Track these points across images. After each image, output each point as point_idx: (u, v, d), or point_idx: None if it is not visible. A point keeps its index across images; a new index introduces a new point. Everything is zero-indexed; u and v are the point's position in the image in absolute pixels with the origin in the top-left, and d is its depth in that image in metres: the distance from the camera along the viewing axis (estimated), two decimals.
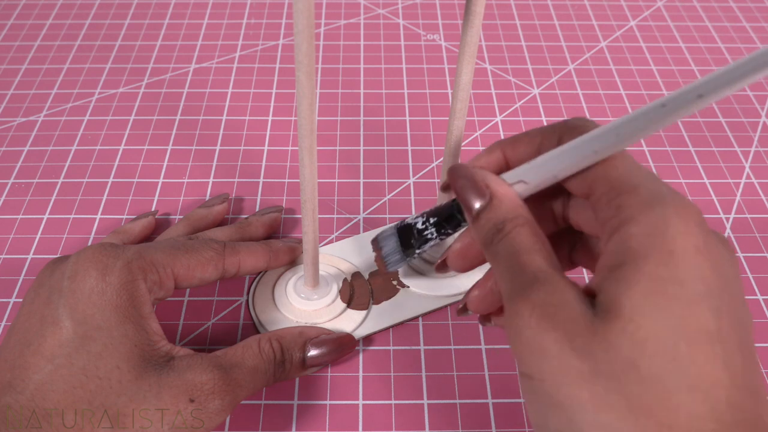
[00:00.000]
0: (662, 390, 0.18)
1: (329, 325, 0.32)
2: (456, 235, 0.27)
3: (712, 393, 0.18)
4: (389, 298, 0.34)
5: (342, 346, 0.31)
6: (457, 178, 0.24)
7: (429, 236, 0.27)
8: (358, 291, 0.34)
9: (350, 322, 0.33)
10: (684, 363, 0.18)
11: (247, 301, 0.34)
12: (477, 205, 0.23)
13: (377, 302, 0.34)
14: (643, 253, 0.19)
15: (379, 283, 0.34)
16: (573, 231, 0.25)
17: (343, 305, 0.33)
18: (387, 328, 0.33)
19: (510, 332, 0.21)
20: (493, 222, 0.22)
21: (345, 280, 0.34)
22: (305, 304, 0.33)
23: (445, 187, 0.27)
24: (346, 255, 0.36)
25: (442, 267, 0.27)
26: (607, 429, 0.18)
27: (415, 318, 0.34)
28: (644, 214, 0.19)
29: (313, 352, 0.30)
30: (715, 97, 0.19)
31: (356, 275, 0.35)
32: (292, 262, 0.35)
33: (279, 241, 0.35)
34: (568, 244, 0.26)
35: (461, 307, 0.26)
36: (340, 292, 0.34)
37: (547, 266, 0.21)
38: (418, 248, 0.28)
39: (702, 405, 0.17)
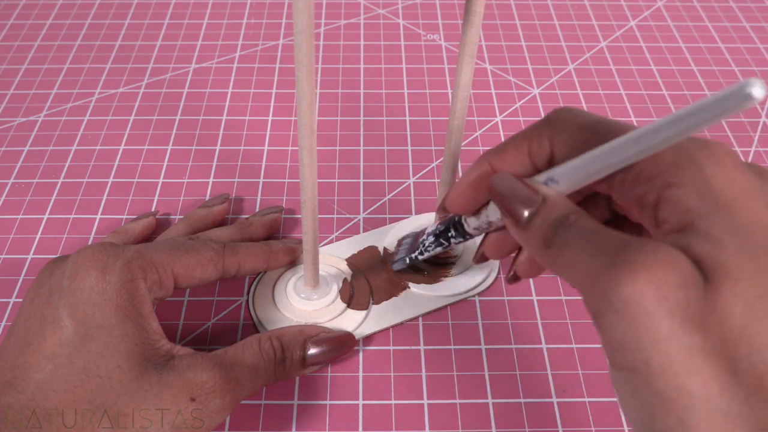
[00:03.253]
0: None
1: (329, 326, 0.32)
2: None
3: None
4: (389, 298, 0.34)
5: (342, 345, 0.31)
6: (498, 188, 0.22)
7: (428, 247, 0.31)
8: (358, 291, 0.34)
9: (350, 322, 0.33)
10: None
11: (247, 301, 0.34)
12: (526, 212, 0.21)
13: (377, 302, 0.34)
14: (704, 212, 0.18)
15: (378, 283, 0.34)
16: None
17: (343, 305, 0.33)
18: (387, 329, 0.33)
19: (604, 315, 0.18)
20: (553, 218, 0.21)
21: (345, 280, 0.34)
22: (305, 304, 0.33)
23: (441, 210, 0.27)
24: (346, 255, 0.36)
25: (482, 258, 0.27)
26: (721, 418, 0.16)
27: (415, 318, 0.34)
28: (680, 177, 0.18)
29: (313, 351, 0.30)
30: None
31: (356, 275, 0.35)
32: (292, 263, 0.35)
33: (279, 241, 0.35)
34: None
35: (479, 255, 0.27)
36: (340, 292, 0.34)
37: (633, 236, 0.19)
38: (420, 255, 0.32)
39: None
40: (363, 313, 0.33)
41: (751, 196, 0.18)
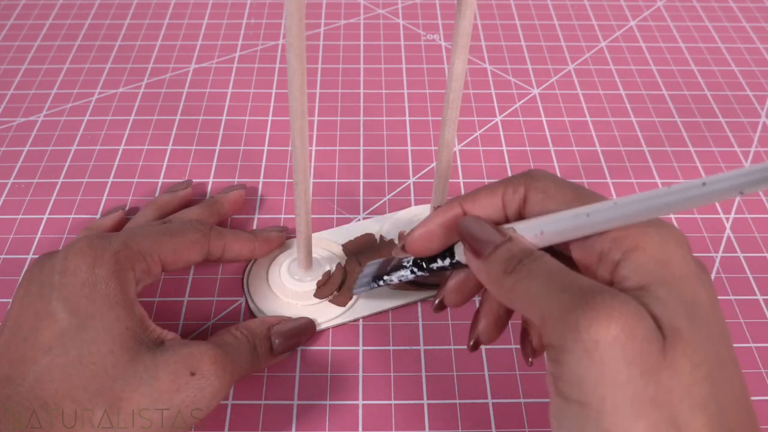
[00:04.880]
0: (706, 415, 0.18)
1: (320, 307, 0.33)
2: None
3: (730, 415, 0.19)
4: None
5: (302, 332, 0.31)
6: (467, 227, 0.24)
7: (404, 266, 0.29)
8: (351, 275, 0.34)
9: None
10: (717, 387, 0.19)
11: (242, 279, 0.35)
12: (490, 246, 0.23)
13: None
14: (662, 279, 0.20)
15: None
16: None
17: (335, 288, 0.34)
18: (379, 312, 0.34)
19: (570, 350, 0.19)
20: (517, 249, 0.22)
21: (339, 264, 0.35)
22: (298, 286, 0.33)
23: (400, 250, 0.27)
24: (342, 241, 0.36)
25: (440, 307, 0.28)
26: None
27: (408, 304, 0.34)
28: (647, 243, 0.20)
29: (277, 340, 0.30)
30: (755, 191, 0.18)
31: (350, 260, 0.35)
32: (280, 247, 0.36)
33: (264, 229, 0.36)
34: None
35: (437, 303, 0.27)
36: (333, 275, 0.34)
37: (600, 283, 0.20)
38: (387, 275, 0.30)
39: (724, 426, 0.18)
40: (354, 297, 0.34)
41: (697, 278, 0.20)
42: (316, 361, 0.32)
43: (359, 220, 0.38)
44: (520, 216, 0.24)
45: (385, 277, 0.30)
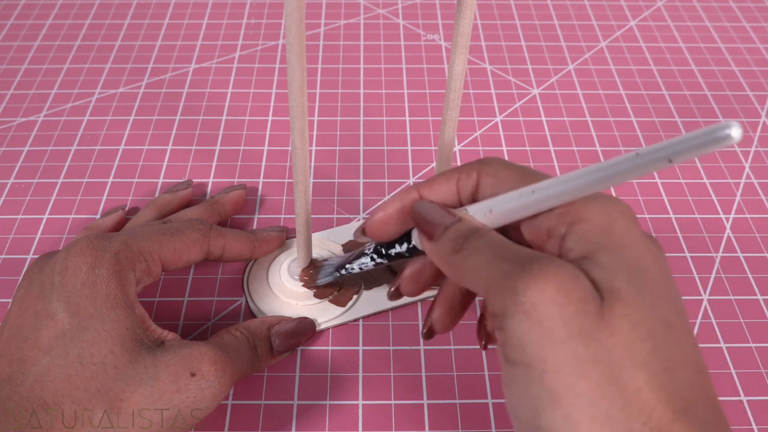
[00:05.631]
0: (649, 373, 0.19)
1: (320, 307, 0.33)
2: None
3: (678, 374, 0.19)
4: (381, 284, 0.34)
5: (302, 332, 0.31)
6: (420, 211, 0.25)
7: (365, 253, 0.29)
8: (350, 276, 0.34)
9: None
10: (661, 347, 0.19)
11: (242, 279, 0.35)
12: (440, 228, 0.23)
13: (368, 288, 0.34)
14: (605, 247, 0.20)
15: (370, 270, 0.35)
16: None
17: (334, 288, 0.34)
18: (379, 312, 0.34)
19: (511, 315, 0.19)
20: (465, 228, 0.23)
21: None
22: (298, 286, 0.33)
23: (360, 233, 0.28)
24: (342, 241, 0.36)
25: (396, 294, 0.28)
26: (602, 420, 0.18)
27: (408, 304, 0.34)
28: (590, 215, 0.21)
29: (277, 341, 0.31)
30: (683, 159, 0.19)
31: None
32: (281, 246, 0.36)
33: (264, 229, 0.36)
34: None
35: (393, 290, 0.28)
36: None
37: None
38: (349, 264, 0.30)
39: (672, 385, 0.19)
40: (354, 297, 0.34)
41: (643, 246, 0.21)
42: (316, 361, 0.32)
43: (359, 220, 0.38)
44: (474, 200, 0.25)
45: (347, 266, 0.30)
